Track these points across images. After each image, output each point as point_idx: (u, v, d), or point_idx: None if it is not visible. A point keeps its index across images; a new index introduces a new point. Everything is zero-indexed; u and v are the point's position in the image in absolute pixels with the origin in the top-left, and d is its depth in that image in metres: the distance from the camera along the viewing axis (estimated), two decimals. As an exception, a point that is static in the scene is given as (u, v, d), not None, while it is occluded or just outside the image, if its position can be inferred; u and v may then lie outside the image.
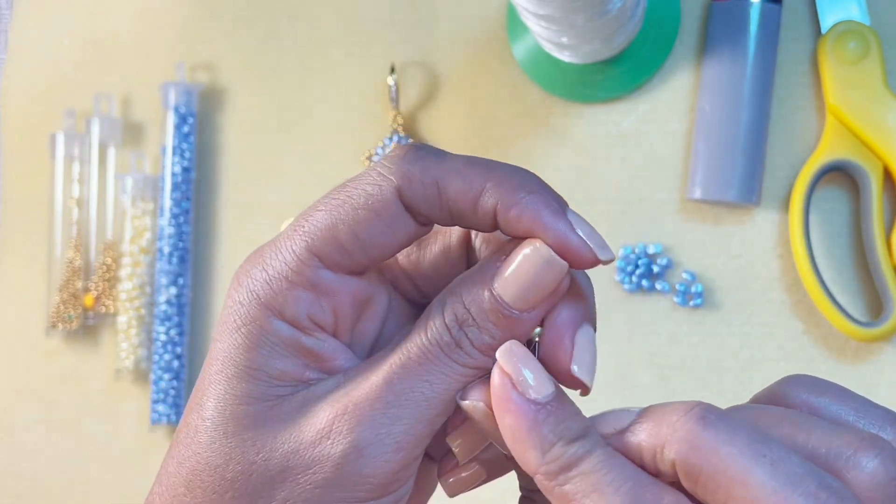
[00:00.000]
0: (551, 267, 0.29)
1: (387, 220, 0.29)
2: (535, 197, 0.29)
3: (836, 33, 0.56)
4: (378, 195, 0.29)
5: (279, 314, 0.29)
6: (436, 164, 0.29)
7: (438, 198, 0.29)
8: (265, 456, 0.29)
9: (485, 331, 0.29)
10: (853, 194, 0.58)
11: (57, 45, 0.69)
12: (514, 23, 0.61)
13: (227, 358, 0.30)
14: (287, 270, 0.29)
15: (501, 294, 0.29)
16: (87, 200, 0.66)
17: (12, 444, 0.66)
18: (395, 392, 0.29)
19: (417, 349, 0.29)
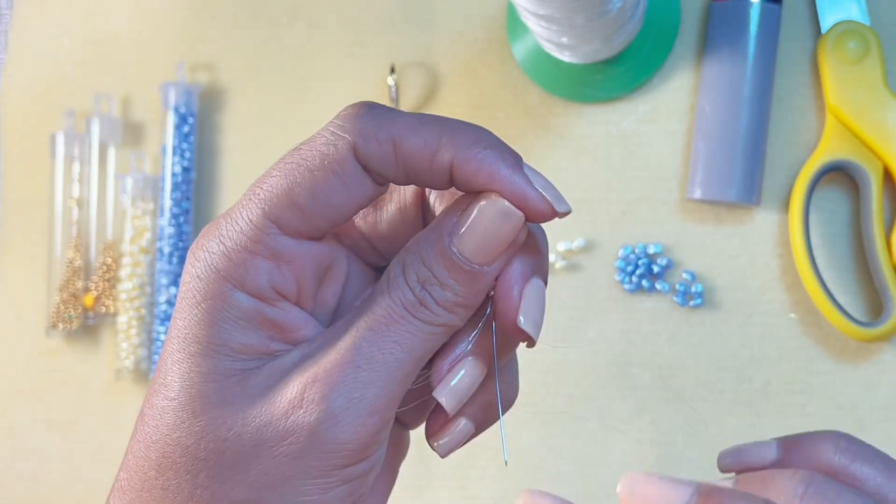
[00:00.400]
0: (508, 219, 0.29)
1: (344, 180, 0.29)
2: (491, 151, 0.29)
3: (836, 33, 0.56)
4: (334, 154, 0.29)
5: (240, 286, 0.29)
6: (390, 122, 0.29)
7: (394, 155, 0.29)
8: (237, 431, 0.28)
9: (447, 288, 0.29)
10: (853, 194, 0.58)
11: (57, 46, 0.69)
12: (514, 23, 0.61)
13: (189, 335, 0.29)
14: (245, 240, 0.29)
15: (460, 250, 0.29)
16: (87, 200, 0.66)
17: (12, 444, 0.66)
18: (365, 356, 0.28)
19: (383, 311, 0.29)
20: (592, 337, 0.60)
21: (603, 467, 0.59)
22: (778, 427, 0.57)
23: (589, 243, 0.60)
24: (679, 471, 0.58)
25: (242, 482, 0.28)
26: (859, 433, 0.56)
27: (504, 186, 0.29)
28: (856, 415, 0.56)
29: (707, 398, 0.58)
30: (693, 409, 0.58)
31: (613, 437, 0.59)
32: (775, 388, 0.57)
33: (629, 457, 0.58)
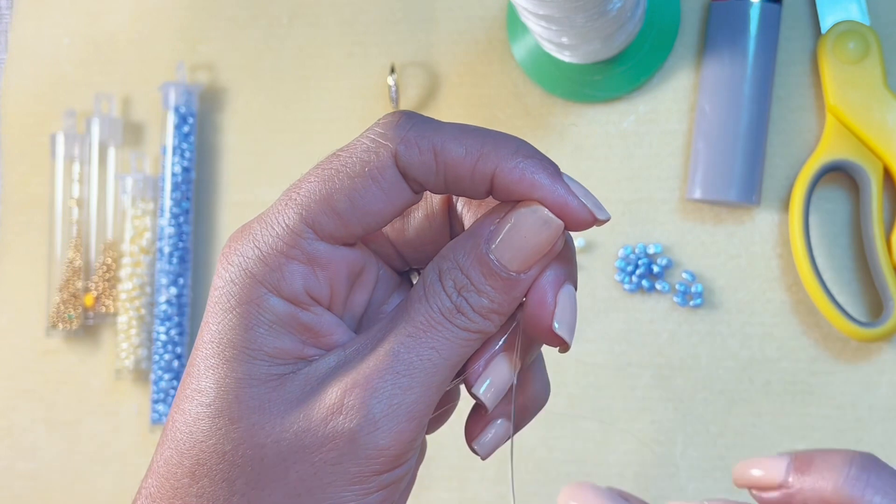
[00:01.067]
0: (548, 227, 0.29)
1: (384, 187, 0.29)
2: (533, 161, 0.29)
3: (836, 33, 0.56)
4: (375, 162, 0.29)
5: (276, 290, 0.29)
6: (433, 131, 0.29)
7: (435, 164, 0.29)
8: (275, 438, 0.28)
9: (483, 294, 0.29)
10: (853, 194, 0.58)
11: (57, 46, 0.69)
12: (514, 23, 0.61)
13: (224, 340, 0.29)
14: (281, 244, 0.29)
15: (498, 257, 0.29)
16: (87, 200, 0.66)
17: (12, 444, 0.66)
18: (403, 362, 0.29)
19: (421, 318, 0.29)
20: (592, 337, 0.60)
21: (603, 467, 0.59)
22: (778, 427, 0.57)
23: (589, 243, 0.60)
24: (679, 471, 0.58)
25: (280, 488, 0.28)
26: (859, 433, 0.56)
27: (545, 195, 0.29)
28: (856, 415, 0.56)
29: (707, 398, 0.58)
30: (693, 409, 0.58)
31: (613, 437, 0.59)
32: (775, 388, 0.57)
33: (629, 457, 0.58)
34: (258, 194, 0.65)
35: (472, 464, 0.61)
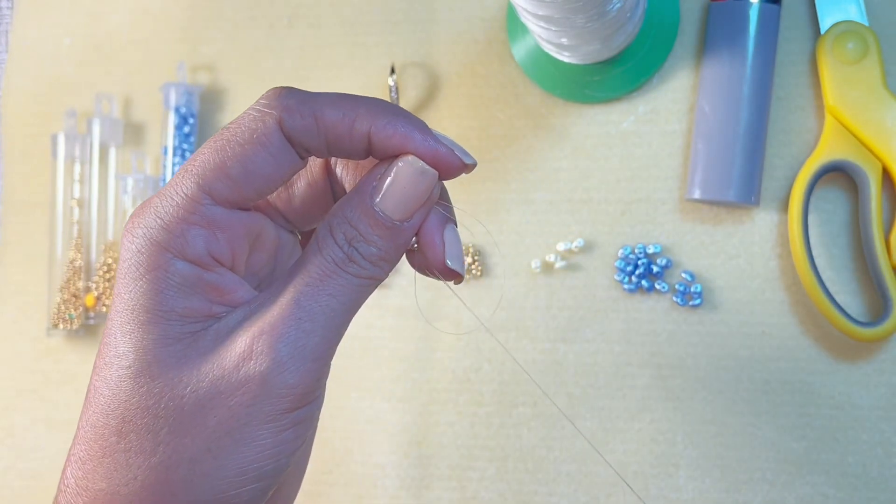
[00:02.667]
0: (424, 176, 0.33)
1: (272, 152, 0.32)
2: (403, 118, 0.32)
3: (835, 33, 0.56)
4: (262, 129, 0.31)
5: (180, 255, 0.31)
6: (311, 99, 0.32)
7: (316, 127, 0.32)
8: (193, 388, 0.31)
9: (372, 243, 0.32)
10: (852, 194, 0.58)
11: (58, 46, 0.69)
12: (514, 23, 0.61)
13: (137, 306, 0.31)
14: (181, 212, 0.31)
15: (383, 208, 0.32)
16: (88, 200, 0.66)
17: (12, 444, 0.67)
18: (304, 308, 0.31)
19: (317, 269, 0.32)
20: (592, 337, 0.60)
21: (603, 467, 0.59)
22: (777, 427, 0.57)
23: (588, 243, 0.60)
24: (679, 470, 0.58)
25: (202, 433, 0.31)
26: (858, 432, 0.57)
27: (418, 147, 0.32)
28: (855, 414, 0.56)
29: (706, 398, 0.58)
30: (692, 408, 0.58)
31: (613, 436, 0.59)
32: (775, 388, 0.57)
33: (629, 457, 0.58)
34: (258, 194, 0.65)
35: (472, 464, 0.61)
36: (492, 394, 0.61)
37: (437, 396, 0.61)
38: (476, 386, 0.61)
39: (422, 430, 0.61)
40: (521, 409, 0.60)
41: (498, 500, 0.60)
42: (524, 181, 0.61)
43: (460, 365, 0.61)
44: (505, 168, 0.62)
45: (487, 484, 0.61)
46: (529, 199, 0.61)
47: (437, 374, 0.61)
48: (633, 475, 0.58)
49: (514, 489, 0.60)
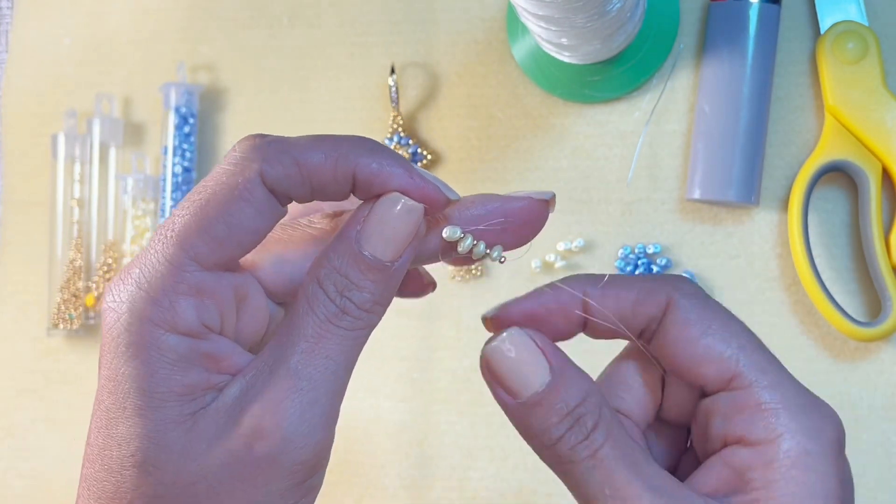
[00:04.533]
0: (411, 213, 0.31)
1: (256, 206, 0.30)
2: (387, 156, 0.31)
3: (835, 33, 0.56)
4: (243, 183, 0.30)
5: (172, 328, 0.29)
6: (289, 145, 0.30)
7: (300, 174, 0.30)
8: (203, 474, 0.29)
9: (364, 289, 0.30)
10: (852, 194, 0.58)
11: (58, 46, 0.69)
12: (514, 23, 0.61)
13: (132, 389, 0.29)
14: (168, 281, 0.29)
15: (371, 251, 0.30)
16: (88, 201, 0.66)
17: (12, 444, 0.67)
18: (305, 378, 0.30)
19: (312, 329, 0.30)
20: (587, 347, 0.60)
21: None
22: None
23: (589, 243, 0.60)
24: (678, 470, 0.58)
25: None
26: (858, 432, 0.57)
27: (403, 183, 0.31)
28: (855, 414, 0.56)
29: (706, 398, 0.58)
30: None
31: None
32: (774, 387, 0.57)
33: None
34: (258, 194, 0.65)
35: (473, 464, 0.61)
36: (492, 394, 0.61)
37: (438, 396, 0.61)
38: (476, 386, 0.61)
39: (422, 430, 0.61)
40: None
41: (498, 500, 0.60)
42: (524, 181, 0.61)
43: (461, 365, 0.61)
44: (505, 168, 0.62)
45: (487, 484, 0.61)
46: (529, 199, 0.61)
47: (438, 374, 0.61)
48: (633, 475, 0.58)
49: (514, 489, 0.60)
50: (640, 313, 0.33)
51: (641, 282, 0.33)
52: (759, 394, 0.31)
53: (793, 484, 0.30)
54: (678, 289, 0.33)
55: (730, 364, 0.31)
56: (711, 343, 0.32)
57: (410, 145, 0.62)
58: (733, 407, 0.31)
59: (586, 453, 0.31)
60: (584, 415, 0.31)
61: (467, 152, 0.62)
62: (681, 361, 0.32)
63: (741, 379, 0.31)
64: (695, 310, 0.32)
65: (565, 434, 0.31)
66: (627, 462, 0.31)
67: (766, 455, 0.30)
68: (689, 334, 0.32)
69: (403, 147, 0.62)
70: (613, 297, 0.33)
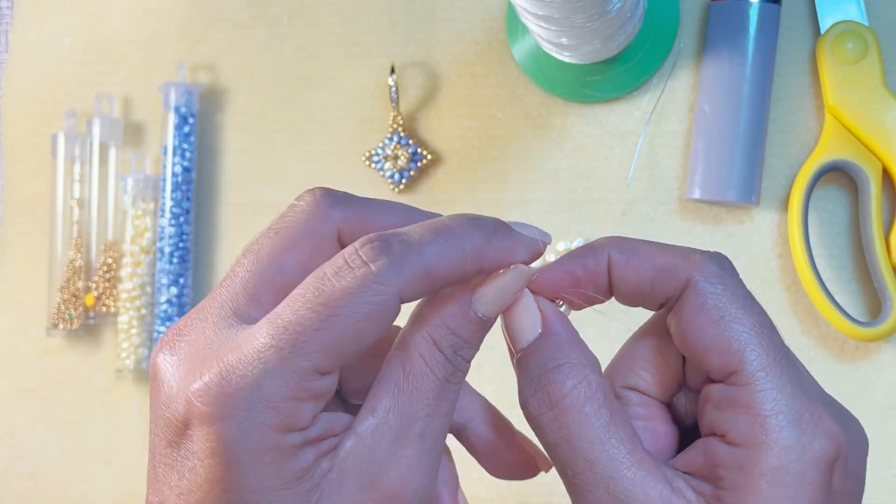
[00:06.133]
0: (524, 275, 0.32)
1: (388, 326, 0.30)
2: (508, 238, 0.32)
3: (835, 33, 0.56)
4: (381, 311, 0.29)
5: (291, 429, 0.29)
6: (420, 256, 0.30)
7: (432, 285, 0.30)
8: None
9: (474, 346, 0.32)
10: (852, 194, 0.58)
11: (58, 46, 0.69)
12: (514, 23, 0.61)
13: (254, 487, 0.29)
14: (292, 391, 0.29)
15: (485, 312, 0.31)
16: (88, 200, 0.66)
17: (12, 444, 0.67)
18: (430, 439, 0.31)
19: (433, 393, 0.31)
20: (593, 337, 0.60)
21: (602, 467, 0.59)
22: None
23: (588, 243, 0.60)
24: (678, 470, 0.58)
25: None
26: (858, 432, 0.56)
27: (524, 256, 0.32)
28: (855, 414, 0.56)
29: (706, 398, 0.58)
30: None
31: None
32: (774, 387, 0.57)
33: (629, 456, 0.58)
34: (258, 194, 0.65)
35: (473, 463, 0.61)
36: (492, 394, 0.61)
37: (438, 396, 0.61)
38: (476, 386, 0.61)
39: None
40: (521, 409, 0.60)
41: (498, 500, 0.60)
42: (524, 181, 0.61)
43: (460, 365, 0.61)
44: (505, 168, 0.62)
45: (487, 484, 0.61)
46: (529, 199, 0.61)
47: (438, 374, 0.61)
48: (633, 475, 0.58)
49: (514, 489, 0.60)
50: (659, 289, 0.33)
51: (667, 255, 0.33)
52: (753, 396, 0.31)
53: (758, 495, 0.30)
54: (700, 268, 0.32)
55: (733, 358, 0.31)
56: (720, 333, 0.31)
57: (410, 145, 0.62)
58: (726, 401, 0.31)
59: (551, 426, 0.32)
60: (549, 383, 0.32)
61: (467, 152, 0.62)
62: (689, 344, 0.32)
63: (740, 375, 0.31)
64: (712, 296, 0.32)
65: (530, 398, 0.32)
66: (593, 443, 0.31)
67: (742, 459, 0.30)
68: (701, 320, 0.32)
69: (403, 147, 0.62)
70: (635, 268, 0.33)
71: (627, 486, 0.30)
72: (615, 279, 0.33)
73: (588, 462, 0.31)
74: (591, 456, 0.31)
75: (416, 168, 0.62)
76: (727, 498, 0.30)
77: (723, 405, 0.31)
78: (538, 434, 0.33)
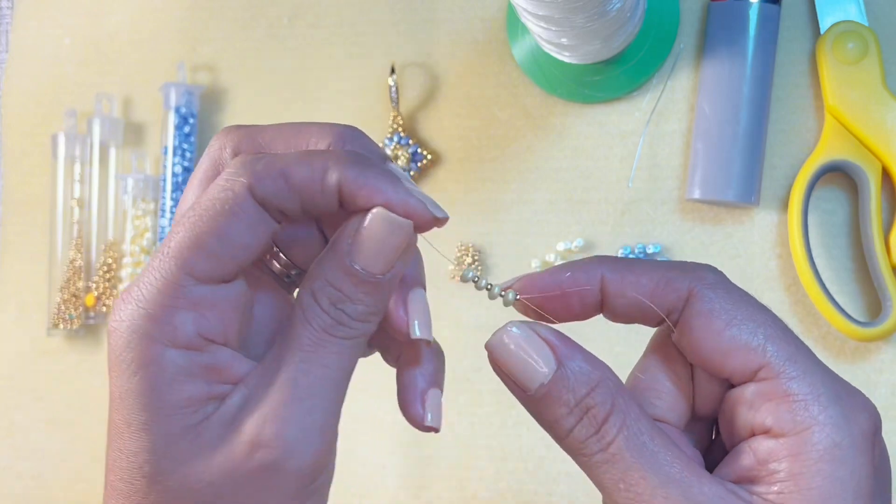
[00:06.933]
0: (398, 228, 0.31)
1: (247, 220, 0.31)
2: (373, 170, 0.31)
3: (835, 34, 0.56)
4: (233, 199, 0.31)
5: (171, 343, 0.30)
6: (278, 159, 0.31)
7: (288, 188, 0.31)
8: (207, 481, 0.30)
9: (358, 302, 0.31)
10: (852, 194, 0.58)
11: (58, 46, 0.69)
12: (514, 23, 0.61)
13: (136, 404, 0.31)
14: (165, 297, 0.30)
15: (362, 265, 0.31)
16: (88, 200, 0.66)
17: (12, 444, 0.67)
18: (303, 387, 0.31)
19: (308, 340, 0.31)
20: (593, 337, 0.60)
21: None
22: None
23: (588, 243, 0.60)
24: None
25: None
26: (858, 432, 0.56)
27: (389, 199, 0.31)
28: (855, 414, 0.56)
29: (706, 398, 0.58)
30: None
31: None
32: (774, 387, 0.57)
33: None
34: (258, 194, 0.65)
35: (472, 463, 0.61)
36: (492, 394, 0.61)
37: (438, 396, 0.61)
38: (476, 386, 0.61)
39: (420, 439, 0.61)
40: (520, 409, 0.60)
41: (498, 500, 0.60)
42: (524, 181, 0.61)
43: (460, 365, 0.61)
44: (505, 168, 0.62)
45: (487, 484, 0.61)
46: (529, 199, 0.61)
47: (438, 374, 0.61)
48: (633, 475, 0.58)
49: (514, 489, 0.60)
50: (660, 302, 0.32)
51: (662, 269, 0.33)
52: (788, 384, 0.30)
53: (820, 477, 0.30)
54: (700, 278, 0.32)
55: (756, 354, 0.31)
56: (737, 334, 0.31)
57: (410, 145, 0.62)
58: (761, 397, 0.31)
59: (598, 447, 0.31)
60: (592, 406, 0.31)
61: (467, 152, 0.62)
62: (706, 353, 0.32)
63: (769, 369, 0.31)
64: (718, 300, 0.32)
65: (575, 427, 0.31)
66: (643, 454, 0.30)
67: (794, 447, 0.30)
68: (714, 325, 0.31)
69: (403, 147, 0.62)
70: (632, 283, 0.33)
71: (684, 491, 0.30)
72: (610, 296, 0.33)
73: (642, 473, 0.30)
74: (645, 467, 0.30)
75: (416, 168, 0.62)
76: (787, 488, 0.30)
77: (757, 402, 0.31)
78: (582, 459, 0.31)
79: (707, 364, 0.32)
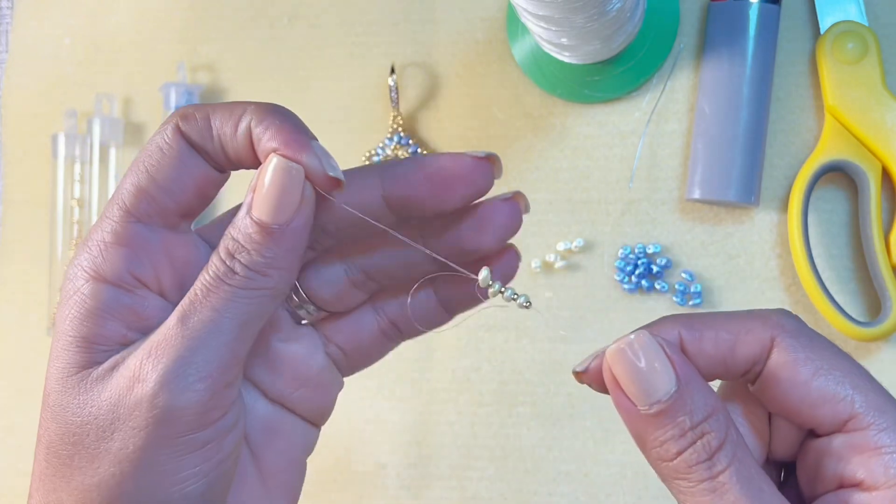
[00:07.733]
0: (289, 174, 0.31)
1: (175, 159, 0.32)
2: (278, 117, 0.32)
3: (835, 34, 0.56)
4: (162, 139, 0.32)
5: (97, 275, 0.31)
6: (207, 105, 0.32)
7: (208, 127, 0.32)
8: (94, 414, 0.31)
9: (255, 252, 0.31)
10: (852, 194, 0.58)
11: (58, 46, 0.69)
12: (514, 23, 0.61)
13: (61, 330, 0.32)
14: (103, 233, 0.31)
15: (258, 214, 0.31)
16: (88, 200, 0.66)
17: (13, 444, 0.67)
18: (189, 326, 0.31)
19: (201, 284, 0.31)
20: (592, 336, 0.60)
21: (603, 467, 0.59)
22: (777, 426, 0.57)
23: (588, 243, 0.60)
24: (678, 470, 0.58)
25: (108, 458, 0.31)
26: (858, 432, 0.56)
27: (286, 147, 0.31)
28: (854, 414, 0.56)
29: (706, 398, 0.58)
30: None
31: (613, 436, 0.59)
32: (774, 387, 0.57)
33: (629, 456, 0.59)
34: (258, 194, 0.65)
35: (472, 463, 0.61)
36: (492, 394, 0.61)
37: (437, 396, 0.61)
38: (476, 386, 0.61)
39: (422, 430, 0.61)
40: (520, 409, 0.61)
41: (498, 500, 0.60)
42: (524, 181, 0.61)
43: (460, 365, 0.61)
44: (505, 168, 0.62)
45: (487, 484, 0.61)
46: (529, 199, 0.61)
47: (437, 374, 0.61)
48: (634, 475, 0.58)
49: (514, 489, 0.60)
50: (742, 355, 0.32)
51: (740, 320, 0.32)
52: (879, 437, 0.30)
53: None
54: (781, 326, 0.31)
55: (845, 405, 0.30)
56: (824, 384, 0.30)
57: (410, 145, 0.62)
58: (850, 449, 0.30)
59: (706, 475, 0.30)
60: (708, 432, 0.30)
61: (467, 152, 0.62)
62: (791, 403, 0.31)
63: (858, 420, 0.30)
64: (803, 349, 0.31)
65: (686, 450, 0.30)
66: (751, 489, 0.30)
67: (889, 500, 0.30)
68: (800, 376, 0.31)
69: (403, 147, 0.62)
70: (711, 339, 0.32)
71: None
72: (691, 355, 0.32)
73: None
74: (751, 501, 0.30)
75: (416, 168, 0.62)
76: None
77: (847, 454, 0.31)
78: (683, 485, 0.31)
79: (793, 413, 0.31)
